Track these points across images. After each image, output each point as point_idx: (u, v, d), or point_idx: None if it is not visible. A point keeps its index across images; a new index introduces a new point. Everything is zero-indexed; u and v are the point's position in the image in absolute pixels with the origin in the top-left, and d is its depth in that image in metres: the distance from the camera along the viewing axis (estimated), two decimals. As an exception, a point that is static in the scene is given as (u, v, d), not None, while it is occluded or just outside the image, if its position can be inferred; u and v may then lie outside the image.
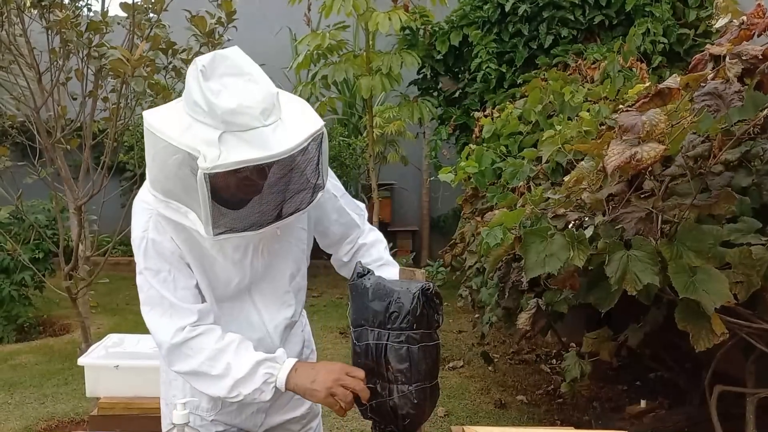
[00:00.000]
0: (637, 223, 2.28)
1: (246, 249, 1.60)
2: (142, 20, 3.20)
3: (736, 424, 2.62)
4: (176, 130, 1.37)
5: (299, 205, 1.50)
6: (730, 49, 1.99)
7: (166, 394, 1.81)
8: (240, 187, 1.42)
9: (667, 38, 5.72)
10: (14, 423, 3.92)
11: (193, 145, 1.33)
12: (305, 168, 1.45)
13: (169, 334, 1.54)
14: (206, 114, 1.34)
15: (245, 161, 1.31)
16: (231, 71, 1.37)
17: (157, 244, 1.54)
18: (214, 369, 1.52)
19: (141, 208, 1.57)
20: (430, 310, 1.49)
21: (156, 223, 1.53)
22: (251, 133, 1.34)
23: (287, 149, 1.35)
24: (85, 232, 3.46)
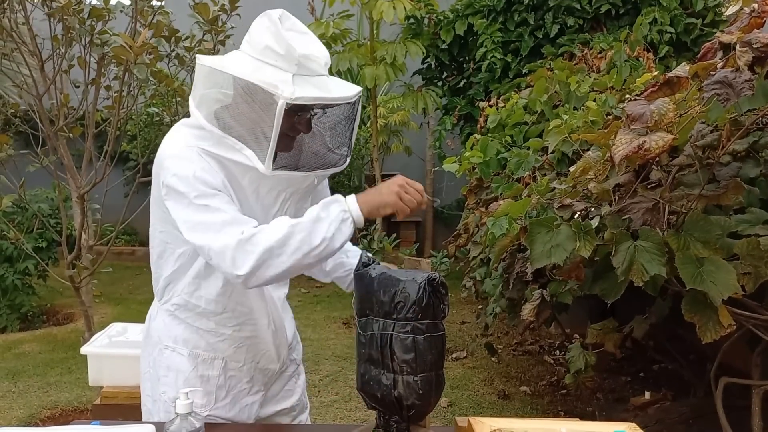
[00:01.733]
0: (644, 214, 2.26)
1: (277, 196, 1.67)
2: (144, 7, 3.18)
3: (741, 415, 2.60)
4: (247, 69, 1.50)
5: (335, 162, 1.65)
6: (740, 37, 1.96)
7: (153, 391, 1.78)
8: (287, 138, 1.55)
9: (674, 28, 5.68)
10: (18, 411, 3.93)
11: (269, 82, 1.46)
12: (348, 125, 1.62)
13: (235, 236, 1.50)
14: (280, 57, 1.50)
15: (321, 98, 1.49)
16: (297, 28, 1.56)
17: (207, 178, 1.56)
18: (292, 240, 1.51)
19: (185, 151, 1.58)
20: (435, 300, 1.47)
21: (200, 159, 1.58)
22: (318, 79, 1.52)
23: (349, 95, 1.54)
24: (87, 221, 3.46)
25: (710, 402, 2.73)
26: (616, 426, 1.45)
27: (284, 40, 1.49)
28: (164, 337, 1.76)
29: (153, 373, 1.78)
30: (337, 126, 1.61)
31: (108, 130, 3.47)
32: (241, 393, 1.79)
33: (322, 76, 1.53)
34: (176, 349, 1.74)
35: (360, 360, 1.55)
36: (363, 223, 1.60)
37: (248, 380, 1.79)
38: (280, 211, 1.69)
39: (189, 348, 1.73)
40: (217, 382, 1.75)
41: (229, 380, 1.76)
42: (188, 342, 1.74)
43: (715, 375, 2.69)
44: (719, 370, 2.70)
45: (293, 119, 1.53)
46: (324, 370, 4.61)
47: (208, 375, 1.74)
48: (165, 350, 1.75)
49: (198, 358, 1.73)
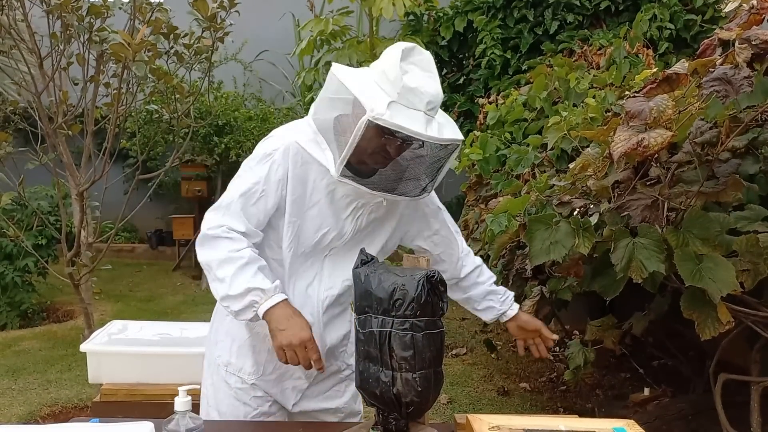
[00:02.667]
0: (643, 211, 2.26)
1: (349, 204, 1.77)
2: (143, 4, 3.17)
3: (740, 412, 2.61)
4: (358, 84, 1.62)
5: (407, 192, 1.72)
6: (739, 33, 1.96)
7: (210, 354, 1.93)
8: (374, 154, 1.65)
9: (674, 24, 5.67)
10: (18, 409, 3.93)
11: (368, 98, 1.57)
12: (431, 164, 1.69)
13: (209, 225, 1.71)
14: (389, 83, 1.59)
15: (402, 127, 1.54)
16: (421, 64, 1.63)
17: (275, 163, 1.71)
18: (219, 272, 1.68)
19: (282, 135, 1.76)
20: (434, 297, 1.47)
21: (286, 150, 1.72)
22: (414, 112, 1.58)
23: (434, 137, 1.59)
24: (87, 219, 3.45)
25: (709, 398, 2.73)
26: (615, 423, 1.46)
27: (398, 70, 1.58)
28: None
29: (213, 337, 1.94)
30: (418, 161, 1.69)
31: (107, 128, 3.46)
32: (286, 374, 1.87)
33: (420, 111, 1.58)
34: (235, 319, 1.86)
35: (359, 357, 1.55)
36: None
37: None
38: (351, 218, 1.78)
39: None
40: (267, 356, 1.84)
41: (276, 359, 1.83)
42: None
43: (714, 371, 2.69)
44: (718, 367, 2.71)
45: (375, 139, 1.61)
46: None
47: (259, 347, 1.84)
48: (226, 318, 1.88)
49: (253, 330, 1.84)
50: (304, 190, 1.74)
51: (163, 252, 8.90)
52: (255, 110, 7.63)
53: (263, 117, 7.41)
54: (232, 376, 1.87)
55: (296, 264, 1.79)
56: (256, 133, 7.19)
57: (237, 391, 1.86)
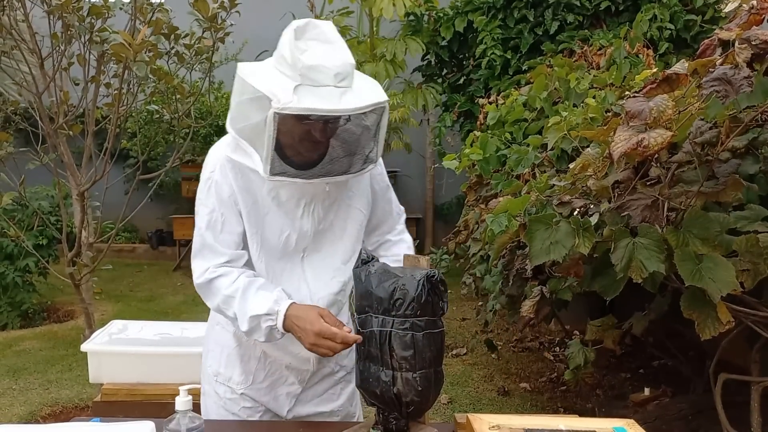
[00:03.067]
0: (643, 211, 2.26)
1: (298, 201, 1.72)
2: (144, 4, 3.17)
3: (740, 412, 2.61)
4: (260, 76, 1.56)
5: (348, 168, 1.65)
6: (739, 33, 1.96)
7: (204, 362, 1.93)
8: (302, 141, 1.59)
9: (674, 24, 5.68)
10: (18, 409, 3.94)
11: (270, 89, 1.50)
12: (362, 134, 1.63)
13: (197, 273, 1.72)
14: (289, 66, 1.52)
15: (311, 109, 1.48)
16: (318, 37, 1.55)
17: (218, 185, 1.69)
18: (228, 312, 1.68)
19: (213, 154, 1.75)
20: (434, 297, 1.48)
21: (222, 167, 1.69)
22: (323, 89, 1.50)
23: (351, 108, 1.51)
24: (88, 219, 3.46)
25: (709, 398, 2.74)
26: (615, 422, 1.46)
27: (293, 51, 1.52)
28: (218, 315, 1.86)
29: (206, 347, 1.94)
30: (349, 135, 1.63)
31: (108, 128, 3.46)
32: (279, 381, 1.84)
33: (328, 86, 1.51)
34: (225, 327, 1.86)
35: (359, 357, 1.56)
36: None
37: (286, 366, 1.83)
38: (306, 215, 1.73)
39: (235, 326, 1.79)
40: (257, 364, 1.82)
41: (269, 365, 1.83)
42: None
43: (714, 371, 2.69)
44: (718, 367, 2.71)
45: (297, 127, 1.55)
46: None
47: (249, 355, 1.83)
48: (216, 326, 1.89)
49: (242, 338, 1.82)
50: (255, 199, 1.70)
51: (164, 252, 8.91)
52: (255, 110, 7.62)
53: (263, 117, 7.40)
54: (221, 386, 1.85)
55: (276, 272, 1.75)
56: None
57: (226, 401, 1.83)
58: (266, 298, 1.63)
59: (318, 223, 1.75)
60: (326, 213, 1.76)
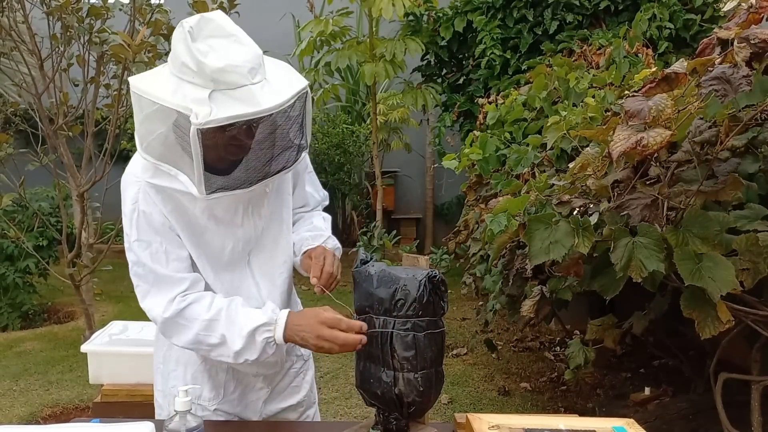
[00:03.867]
0: (643, 210, 2.26)
1: (236, 211, 1.62)
2: (143, 5, 3.18)
3: (740, 411, 2.61)
4: (166, 92, 1.40)
5: (285, 163, 1.55)
6: (738, 32, 1.96)
7: (164, 386, 1.80)
8: (228, 147, 1.46)
9: (674, 23, 5.68)
10: (19, 410, 3.94)
11: (184, 104, 1.35)
12: (291, 126, 1.50)
13: (161, 308, 1.56)
14: (195, 74, 1.37)
15: (236, 116, 1.35)
16: (217, 33, 1.41)
17: (147, 215, 1.55)
18: (211, 338, 1.54)
19: (129, 182, 1.58)
20: (435, 297, 1.48)
21: (145, 194, 1.54)
22: (240, 91, 1.37)
23: (276, 105, 1.39)
24: (88, 220, 3.46)
25: (710, 397, 2.74)
26: (615, 422, 1.46)
27: (196, 56, 1.36)
28: None
29: (164, 368, 1.80)
30: (279, 130, 1.49)
31: (107, 129, 3.47)
32: (248, 388, 1.79)
33: (245, 86, 1.38)
34: None
35: (359, 357, 1.56)
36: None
37: (254, 374, 1.79)
38: (247, 222, 1.64)
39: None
40: (225, 376, 1.76)
41: (237, 374, 1.77)
42: None
43: (715, 371, 2.69)
44: (719, 366, 2.71)
45: (219, 136, 1.41)
46: (324, 367, 4.61)
47: (217, 368, 1.75)
48: (173, 346, 1.74)
49: None
50: (188, 219, 1.58)
51: (164, 253, 8.90)
52: (255, 111, 7.62)
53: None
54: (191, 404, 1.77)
55: (224, 282, 1.65)
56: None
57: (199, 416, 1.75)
58: (257, 312, 1.55)
59: (259, 226, 1.68)
60: (264, 215, 1.69)
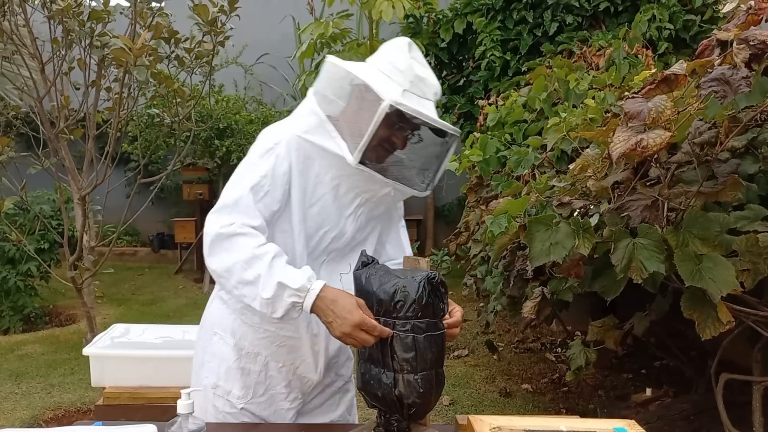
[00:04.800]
0: (643, 211, 2.26)
1: (354, 198, 1.71)
2: (144, 9, 3.18)
3: (742, 411, 2.61)
4: (368, 74, 1.62)
5: (414, 185, 1.70)
6: (737, 34, 1.97)
7: (198, 375, 1.85)
8: (383, 142, 1.61)
9: (673, 24, 5.68)
10: (21, 413, 3.94)
11: (380, 87, 1.56)
12: (434, 155, 1.70)
13: (220, 224, 1.59)
14: (399, 72, 1.61)
15: (421, 113, 1.56)
16: (421, 60, 1.67)
17: (279, 158, 1.65)
18: (246, 274, 1.55)
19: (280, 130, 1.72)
20: (435, 299, 1.48)
21: (288, 144, 1.66)
22: (424, 101, 1.62)
23: (447, 125, 1.63)
24: (89, 223, 3.46)
25: (711, 398, 2.74)
26: (616, 423, 1.46)
27: (406, 60, 1.62)
28: (216, 324, 1.83)
29: (200, 358, 1.85)
30: (428, 150, 1.69)
31: (109, 132, 3.47)
32: (279, 396, 1.80)
33: (429, 101, 1.63)
34: (224, 338, 1.80)
35: (360, 359, 1.56)
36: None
37: (286, 384, 1.80)
38: (353, 216, 1.73)
39: (235, 339, 1.78)
40: (257, 378, 1.78)
41: (269, 379, 1.79)
42: (236, 333, 1.78)
43: (716, 371, 2.69)
44: (720, 366, 2.71)
45: (391, 128, 1.59)
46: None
47: (249, 368, 1.78)
48: (214, 336, 1.82)
49: (242, 351, 1.78)
50: (306, 186, 1.67)
51: (165, 255, 8.91)
52: (256, 113, 7.65)
53: (264, 120, 7.42)
54: (220, 399, 1.78)
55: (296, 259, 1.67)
56: (257, 136, 7.20)
57: (225, 416, 1.78)
58: (298, 273, 1.54)
59: (357, 228, 1.75)
60: (367, 223, 1.78)
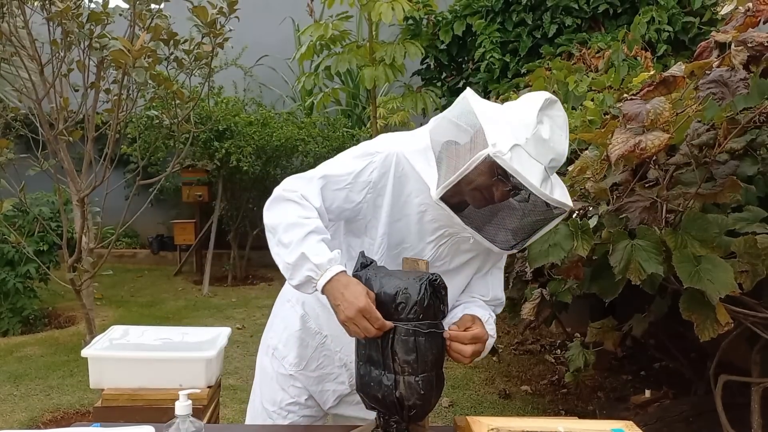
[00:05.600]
0: (642, 213, 2.27)
1: (437, 229, 1.68)
2: (143, 10, 3.18)
3: (740, 413, 2.61)
4: (488, 116, 1.53)
5: (497, 241, 1.61)
6: (735, 36, 1.97)
7: (265, 334, 1.98)
8: (477, 193, 1.56)
9: (672, 26, 5.68)
10: (20, 415, 3.94)
11: (493, 132, 1.47)
12: (530, 222, 1.59)
13: (285, 187, 1.66)
14: (522, 126, 1.49)
15: (518, 172, 1.43)
16: (558, 121, 1.55)
17: (372, 164, 1.66)
18: (284, 236, 1.59)
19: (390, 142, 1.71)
20: (436, 300, 1.49)
21: (389, 156, 1.66)
22: (534, 162, 1.48)
23: (545, 194, 1.48)
24: (88, 224, 3.46)
25: (710, 399, 2.74)
26: (614, 424, 1.46)
27: (535, 115, 1.50)
28: (291, 292, 1.91)
29: (270, 320, 1.98)
30: (518, 213, 1.57)
31: (108, 133, 3.47)
32: (329, 376, 1.88)
33: (541, 165, 1.49)
34: (294, 307, 1.89)
35: (359, 361, 1.56)
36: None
37: (339, 366, 1.86)
38: (434, 244, 1.70)
39: (304, 310, 1.86)
40: (313, 353, 1.86)
41: (323, 358, 1.86)
42: (305, 305, 1.86)
43: (715, 373, 2.70)
44: (719, 368, 2.71)
45: (484, 176, 1.51)
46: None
47: (308, 342, 1.86)
48: (286, 303, 1.93)
49: (306, 324, 1.86)
50: (398, 201, 1.68)
51: (165, 257, 8.91)
52: (255, 115, 7.65)
53: (263, 122, 7.42)
54: (276, 360, 1.90)
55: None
56: (256, 137, 7.20)
57: (279, 376, 1.89)
58: (324, 251, 1.55)
59: (436, 257, 1.72)
60: (449, 256, 1.74)
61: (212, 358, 2.40)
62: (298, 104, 8.37)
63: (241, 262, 7.99)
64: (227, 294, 7.25)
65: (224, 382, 4.23)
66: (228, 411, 3.95)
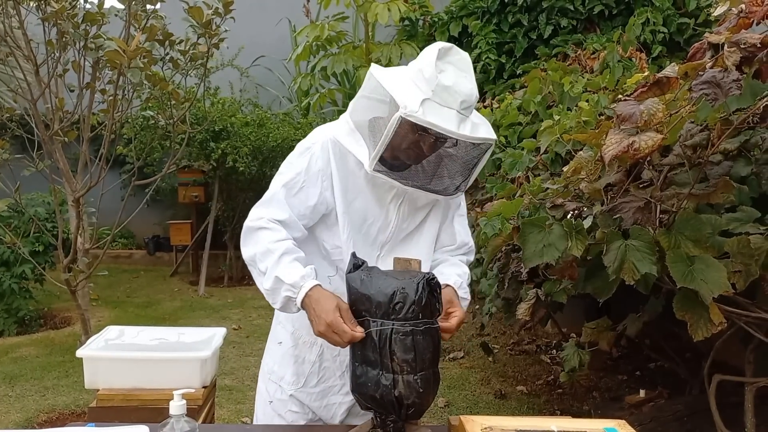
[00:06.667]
0: (636, 213, 2.27)
1: (389, 190, 1.76)
2: (138, 11, 3.18)
3: (734, 412, 2.62)
4: (394, 82, 1.64)
5: (442, 189, 1.73)
6: (728, 37, 1.98)
7: (264, 359, 1.99)
8: (408, 149, 1.66)
9: (667, 28, 5.70)
10: (15, 415, 3.93)
11: (401, 96, 1.58)
12: (462, 163, 1.70)
13: (251, 218, 1.73)
14: (425, 80, 1.59)
15: (433, 124, 1.54)
16: (459, 65, 1.63)
17: (313, 156, 1.75)
18: (261, 265, 1.66)
19: (320, 132, 1.81)
20: (432, 299, 1.50)
21: (325, 144, 1.75)
22: (446, 110, 1.58)
23: (465, 135, 1.59)
24: (83, 225, 3.46)
25: (704, 399, 2.75)
26: (607, 423, 1.47)
27: (433, 67, 1.59)
28: (279, 313, 1.92)
29: (268, 344, 1.99)
30: (452, 159, 1.70)
31: (103, 134, 3.47)
32: (332, 389, 1.86)
33: (453, 110, 1.58)
34: (284, 325, 1.92)
35: (356, 362, 1.56)
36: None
37: (340, 375, 1.85)
38: (394, 205, 1.79)
39: (294, 327, 1.88)
40: (311, 368, 1.86)
41: (323, 371, 1.86)
42: (295, 321, 1.87)
43: (709, 372, 2.70)
44: (714, 368, 2.72)
45: (409, 136, 1.62)
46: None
47: (304, 357, 1.87)
48: (278, 325, 1.95)
49: (299, 339, 1.86)
50: (347, 181, 1.75)
51: (161, 258, 8.90)
52: (251, 116, 7.65)
53: (260, 122, 7.42)
54: (272, 385, 1.90)
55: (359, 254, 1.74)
56: (252, 138, 7.20)
57: (275, 401, 1.88)
58: (297, 270, 1.61)
59: (402, 219, 1.80)
60: (410, 214, 1.81)
61: (207, 358, 2.40)
62: (294, 105, 8.38)
63: (238, 263, 7.98)
64: (223, 294, 7.25)
65: (220, 382, 4.23)
66: (223, 411, 3.95)
